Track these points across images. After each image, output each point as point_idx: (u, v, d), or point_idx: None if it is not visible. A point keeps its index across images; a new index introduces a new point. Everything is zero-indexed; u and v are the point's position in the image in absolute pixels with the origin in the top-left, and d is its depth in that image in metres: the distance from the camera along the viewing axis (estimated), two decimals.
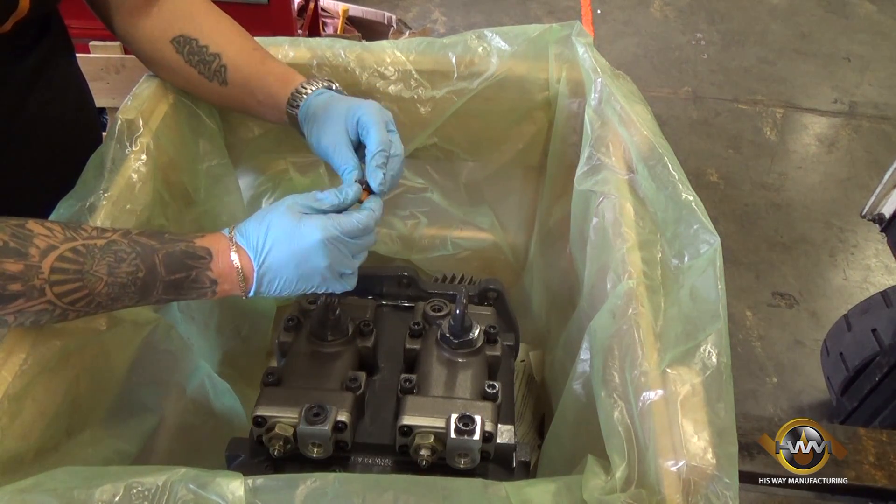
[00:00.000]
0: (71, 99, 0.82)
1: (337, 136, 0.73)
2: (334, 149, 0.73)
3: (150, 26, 0.78)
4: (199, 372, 0.81)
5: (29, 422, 0.57)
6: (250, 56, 0.80)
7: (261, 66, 0.80)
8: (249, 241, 0.63)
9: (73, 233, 0.57)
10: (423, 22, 3.39)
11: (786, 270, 2.26)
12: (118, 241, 0.59)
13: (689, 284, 0.62)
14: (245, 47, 0.80)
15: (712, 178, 2.61)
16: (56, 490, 0.46)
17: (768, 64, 3.24)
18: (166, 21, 0.78)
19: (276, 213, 0.64)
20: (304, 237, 0.63)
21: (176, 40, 0.78)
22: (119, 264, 0.58)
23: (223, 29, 0.80)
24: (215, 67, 0.78)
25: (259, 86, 0.79)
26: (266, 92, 0.79)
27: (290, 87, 0.78)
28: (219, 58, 0.78)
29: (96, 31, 1.53)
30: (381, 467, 0.68)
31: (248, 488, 0.47)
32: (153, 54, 0.80)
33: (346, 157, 0.72)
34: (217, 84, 0.79)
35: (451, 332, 0.74)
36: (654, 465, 0.53)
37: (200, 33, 0.78)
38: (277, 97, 0.79)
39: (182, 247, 0.61)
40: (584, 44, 0.87)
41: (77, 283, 0.56)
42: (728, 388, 0.55)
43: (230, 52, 0.79)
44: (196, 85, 0.81)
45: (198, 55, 0.78)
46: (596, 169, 0.81)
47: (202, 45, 0.78)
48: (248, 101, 0.81)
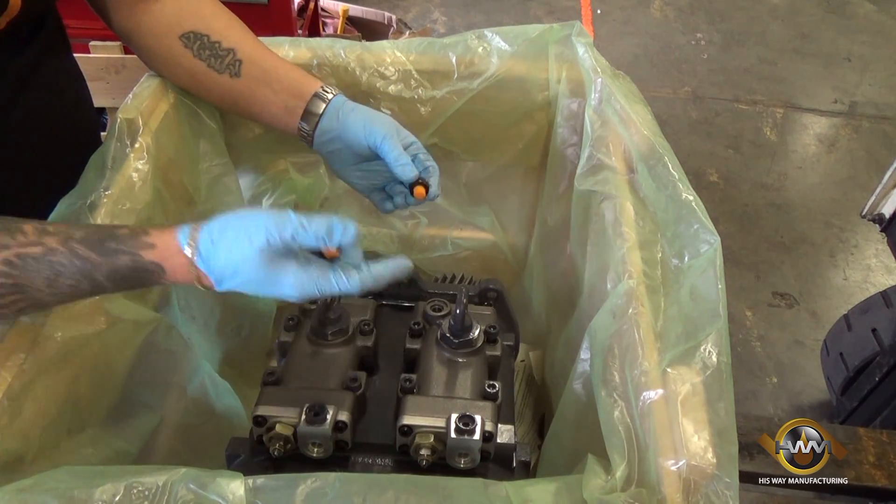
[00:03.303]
0: (67, 98, 0.82)
1: (390, 129, 0.76)
2: (388, 140, 0.75)
3: (153, 22, 0.78)
4: (200, 371, 0.81)
5: (29, 421, 0.57)
6: (264, 52, 0.80)
7: (276, 62, 0.80)
8: (213, 271, 0.58)
9: (8, 237, 0.53)
10: (423, 22, 3.40)
11: (786, 270, 2.26)
12: (56, 251, 0.55)
13: (690, 284, 0.62)
14: (256, 43, 0.80)
15: (712, 178, 2.61)
16: (56, 490, 0.46)
17: (768, 64, 3.24)
18: (173, 17, 0.78)
19: (248, 254, 0.57)
20: (275, 288, 0.58)
21: (185, 36, 0.78)
22: (58, 278, 0.54)
23: (236, 27, 0.80)
24: (229, 61, 0.78)
25: (281, 77, 0.79)
26: (291, 82, 0.79)
27: (314, 85, 0.79)
28: (233, 52, 0.78)
29: (96, 31, 1.53)
30: (382, 467, 0.68)
31: (249, 488, 0.47)
32: (157, 49, 0.80)
33: (401, 151, 0.75)
34: (228, 76, 0.79)
35: (452, 331, 0.74)
36: (655, 465, 0.53)
37: (212, 30, 0.78)
38: (304, 87, 0.79)
39: (127, 261, 0.57)
40: (584, 44, 0.87)
41: (17, 294, 0.54)
42: (728, 388, 0.55)
43: (245, 47, 0.79)
44: (201, 79, 0.80)
45: (209, 49, 0.78)
46: (596, 169, 0.81)
47: (214, 40, 0.78)
48: (261, 91, 0.80)
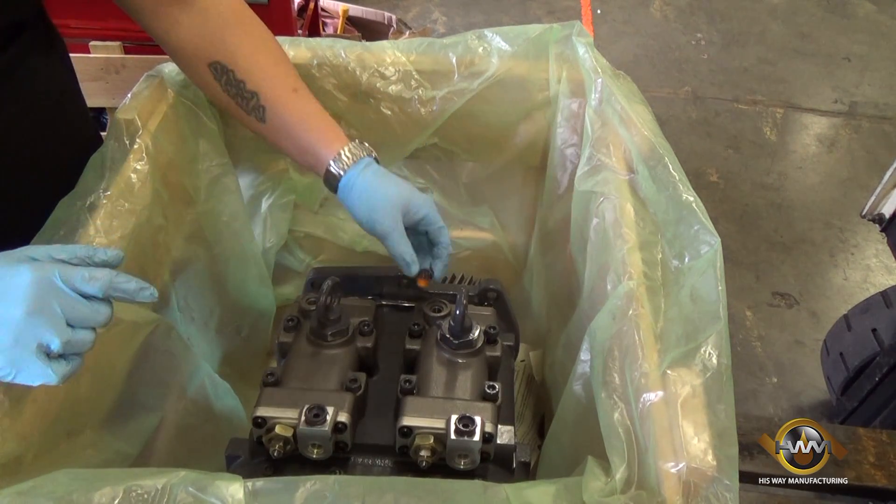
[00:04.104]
0: (50, 101, 0.78)
1: (394, 222, 0.75)
2: (392, 233, 0.75)
3: (180, 39, 0.75)
4: (200, 372, 0.81)
5: (29, 423, 0.57)
6: (288, 100, 0.77)
7: (301, 114, 0.77)
8: None
9: None
10: (423, 22, 3.39)
11: (786, 270, 2.26)
12: None
13: (690, 285, 0.62)
14: (283, 86, 0.77)
15: (712, 178, 2.61)
16: (55, 493, 0.46)
17: (768, 64, 3.23)
18: (202, 38, 0.75)
19: None
20: (6, 273, 0.49)
21: (213, 66, 0.75)
22: None
23: (260, 61, 0.77)
24: (254, 105, 0.76)
25: (298, 137, 0.77)
26: (305, 146, 0.78)
27: (332, 149, 0.76)
28: (257, 97, 0.76)
29: (96, 31, 1.53)
30: (381, 468, 0.68)
31: (248, 491, 0.47)
32: (192, 74, 0.79)
33: (405, 248, 0.76)
34: (255, 120, 0.77)
35: (451, 332, 0.74)
36: (655, 467, 0.53)
37: (237, 65, 0.75)
38: (318, 156, 0.77)
39: None
40: (585, 44, 0.87)
41: None
42: (728, 390, 0.55)
43: (268, 91, 0.76)
44: (234, 112, 0.79)
45: (235, 88, 0.76)
46: (596, 169, 0.81)
47: (239, 78, 0.75)
48: (286, 145, 0.79)
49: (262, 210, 1.02)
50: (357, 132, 0.96)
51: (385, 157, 0.99)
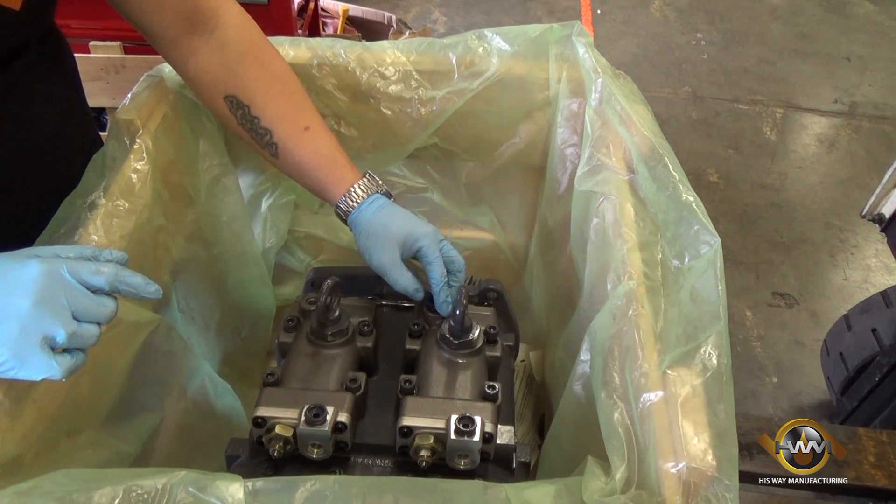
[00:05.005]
0: (51, 121, 0.75)
1: (392, 256, 0.77)
2: (390, 268, 0.77)
3: (198, 68, 0.76)
4: (200, 372, 0.81)
5: (29, 423, 0.57)
6: (300, 138, 0.78)
7: (312, 154, 0.79)
8: None
9: None
10: (423, 22, 3.39)
11: (786, 270, 2.26)
12: None
13: (690, 285, 0.62)
14: (295, 125, 0.78)
15: (712, 178, 2.61)
16: (55, 493, 0.46)
17: (768, 64, 3.23)
18: (219, 69, 0.76)
19: None
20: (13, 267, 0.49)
21: (229, 100, 0.77)
22: None
23: (275, 97, 0.78)
24: (267, 141, 0.78)
25: (310, 174, 0.80)
26: (316, 183, 0.80)
27: (340, 188, 0.78)
28: (270, 134, 0.77)
29: (96, 31, 1.53)
30: (381, 468, 0.68)
31: (248, 491, 0.47)
32: (208, 103, 0.80)
33: (405, 278, 0.77)
34: (269, 154, 0.79)
35: (451, 332, 0.74)
36: (655, 467, 0.53)
37: (253, 101, 0.77)
38: (327, 194, 0.79)
39: None
40: (585, 44, 0.87)
41: None
42: (728, 390, 0.55)
43: (280, 130, 0.78)
44: (248, 142, 0.80)
45: (250, 123, 0.77)
46: (596, 169, 0.81)
47: (254, 115, 0.77)
48: (298, 180, 0.81)
49: (262, 210, 1.02)
50: (357, 132, 0.96)
51: (385, 157, 0.99)
